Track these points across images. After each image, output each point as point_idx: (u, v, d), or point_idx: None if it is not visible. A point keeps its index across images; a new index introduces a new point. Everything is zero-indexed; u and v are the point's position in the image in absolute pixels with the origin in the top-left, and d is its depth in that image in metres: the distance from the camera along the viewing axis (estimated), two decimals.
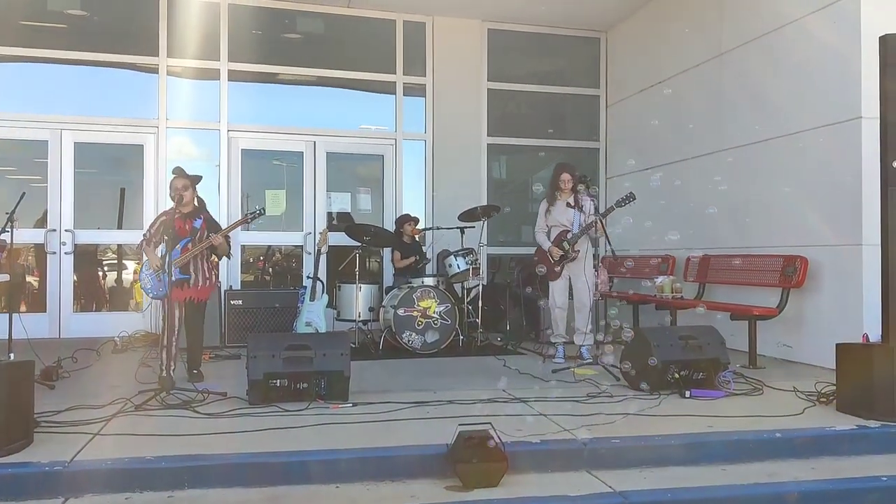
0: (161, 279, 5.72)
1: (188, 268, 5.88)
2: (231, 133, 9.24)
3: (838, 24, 6.50)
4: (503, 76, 10.21)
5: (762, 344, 6.84)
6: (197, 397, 5.03)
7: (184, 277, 5.84)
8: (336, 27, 9.72)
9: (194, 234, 5.92)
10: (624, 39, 10.09)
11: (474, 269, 7.86)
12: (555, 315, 7.07)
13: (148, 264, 5.93)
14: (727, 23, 7.94)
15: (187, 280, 5.87)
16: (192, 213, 5.98)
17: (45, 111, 8.70)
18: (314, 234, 9.31)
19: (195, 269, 5.93)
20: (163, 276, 5.65)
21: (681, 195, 8.45)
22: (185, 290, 5.86)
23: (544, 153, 10.42)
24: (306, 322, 7.58)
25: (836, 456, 4.33)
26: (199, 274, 5.95)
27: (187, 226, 5.92)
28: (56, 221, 8.65)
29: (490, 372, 6.49)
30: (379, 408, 4.87)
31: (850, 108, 6.35)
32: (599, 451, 4.10)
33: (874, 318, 5.12)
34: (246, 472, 3.81)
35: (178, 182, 5.90)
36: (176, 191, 5.86)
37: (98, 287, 9.18)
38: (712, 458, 4.20)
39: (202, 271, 5.97)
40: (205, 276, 5.99)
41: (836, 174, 6.47)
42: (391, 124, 9.90)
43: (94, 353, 7.10)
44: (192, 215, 5.97)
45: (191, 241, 5.89)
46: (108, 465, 3.73)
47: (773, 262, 6.93)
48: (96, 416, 4.55)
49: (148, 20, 8.95)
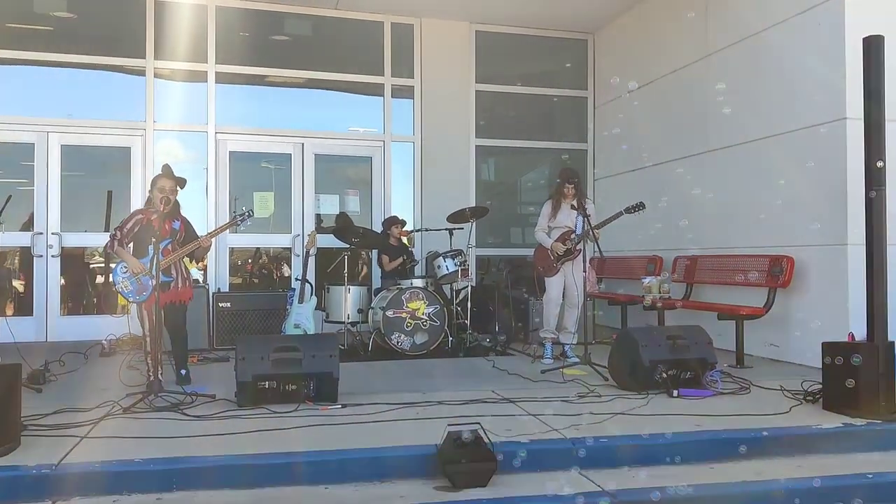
0: (142, 282, 5.61)
1: (170, 270, 5.75)
2: (219, 135, 9.22)
3: (823, 25, 6.55)
4: (491, 78, 10.22)
5: (749, 343, 6.89)
6: (185, 400, 5.01)
7: (167, 280, 5.70)
8: (324, 29, 9.71)
9: (174, 236, 5.78)
10: (611, 41, 10.13)
11: (463, 270, 7.86)
12: (548, 310, 7.09)
13: (123, 266, 5.67)
14: (713, 24, 7.99)
15: (170, 282, 5.74)
16: (171, 215, 5.79)
17: (32, 113, 8.66)
18: (302, 236, 9.29)
19: (176, 271, 5.82)
20: (144, 279, 5.57)
21: (668, 195, 8.48)
22: (167, 292, 5.68)
23: (533, 154, 10.48)
24: (295, 324, 7.56)
25: (823, 454, 4.36)
26: (179, 276, 5.84)
27: (167, 226, 5.74)
28: (43, 224, 8.60)
29: (479, 373, 6.51)
30: (368, 409, 4.87)
31: (835, 109, 6.40)
32: (589, 450, 4.10)
33: (860, 317, 5.17)
34: (234, 473, 3.80)
35: (167, 183, 5.72)
36: (164, 192, 5.67)
37: (85, 290, 9.14)
38: (700, 457, 4.22)
39: (181, 273, 5.87)
40: (184, 278, 5.89)
41: (821, 174, 6.52)
42: (379, 126, 9.90)
43: (81, 356, 7.06)
44: (170, 216, 5.79)
45: (171, 243, 5.74)
46: (96, 468, 3.71)
47: (759, 262, 6.98)
48: (84, 419, 4.53)
49: (135, 22, 8.91)
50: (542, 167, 10.83)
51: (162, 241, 5.53)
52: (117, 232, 5.70)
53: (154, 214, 5.71)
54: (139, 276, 5.61)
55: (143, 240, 5.68)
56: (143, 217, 5.70)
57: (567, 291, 7.02)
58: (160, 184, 5.74)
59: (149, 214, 5.73)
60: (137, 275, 5.61)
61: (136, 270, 5.61)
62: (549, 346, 7.12)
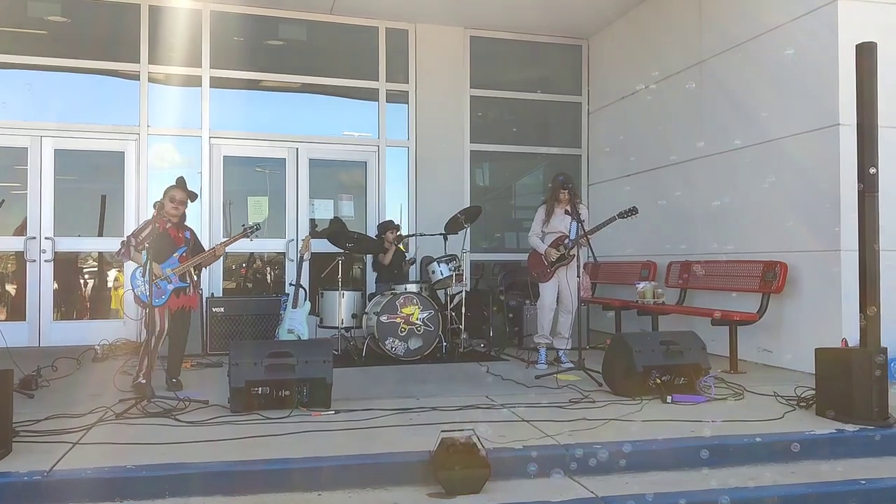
0: (161, 287, 5.76)
1: (185, 276, 5.97)
2: (213, 140, 9.21)
3: (816, 32, 6.57)
4: (486, 83, 10.23)
5: (743, 349, 6.89)
6: (178, 405, 4.99)
7: (183, 285, 5.93)
8: (319, 34, 9.72)
9: (188, 244, 6.02)
10: (606, 47, 10.16)
11: (457, 275, 7.86)
12: (543, 315, 7.08)
13: (141, 271, 5.76)
14: (707, 31, 8.01)
15: (185, 288, 5.95)
16: (180, 224, 6.04)
17: (25, 118, 8.64)
18: (297, 240, 9.26)
19: (189, 278, 6.02)
20: (163, 284, 5.74)
21: (663, 201, 8.51)
22: (181, 297, 5.92)
23: (528, 160, 10.48)
24: (288, 329, 7.56)
25: (816, 460, 4.35)
26: (191, 282, 6.04)
27: (181, 235, 5.99)
28: (36, 229, 8.57)
29: (473, 378, 6.50)
30: (361, 415, 4.85)
31: (828, 115, 6.42)
32: (582, 456, 4.10)
33: (853, 323, 5.17)
34: (227, 480, 3.79)
35: (178, 194, 5.91)
36: (175, 202, 5.88)
37: (78, 295, 9.11)
38: (694, 463, 4.21)
39: (193, 280, 6.07)
40: (195, 285, 6.11)
41: (815, 180, 6.54)
42: (374, 131, 9.89)
43: (74, 361, 7.03)
44: (179, 226, 6.02)
45: (186, 250, 5.96)
46: (88, 475, 3.69)
47: (753, 268, 6.98)
48: (76, 424, 4.51)
49: (129, 26, 8.91)
50: (536, 172, 10.84)
51: (178, 250, 5.87)
52: (132, 238, 5.82)
53: (168, 223, 5.86)
54: (157, 280, 5.72)
55: (160, 247, 5.77)
56: (159, 226, 5.78)
57: (561, 297, 7.02)
58: (171, 193, 5.91)
59: (163, 223, 5.81)
60: (156, 279, 5.70)
61: (158, 273, 5.75)
62: (544, 351, 7.11)
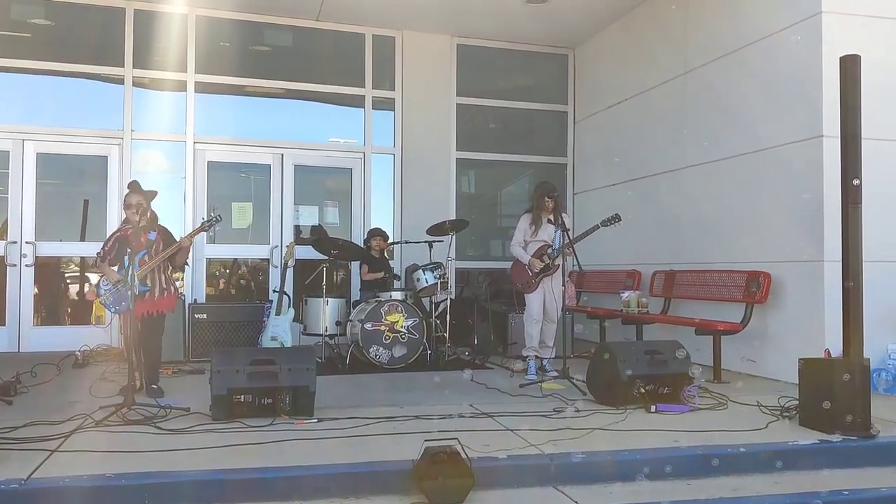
0: (121, 292, 5.72)
1: (146, 280, 5.87)
2: (197, 145, 9.15)
3: (801, 43, 6.62)
4: (472, 91, 10.24)
5: (726, 359, 6.91)
6: (159, 413, 4.94)
7: (144, 289, 5.83)
8: (305, 40, 9.70)
9: (150, 247, 5.92)
10: (592, 56, 10.19)
11: (442, 283, 7.83)
12: (530, 327, 7.02)
13: (106, 279, 5.92)
14: (694, 40, 8.05)
15: (146, 292, 5.86)
16: (147, 227, 5.96)
17: (7, 121, 8.54)
18: (281, 247, 9.23)
19: (152, 281, 5.93)
20: (122, 289, 5.68)
21: (647, 210, 8.54)
22: (147, 302, 5.84)
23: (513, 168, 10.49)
24: (272, 336, 7.51)
25: (799, 470, 4.36)
26: (156, 286, 5.94)
27: (142, 238, 5.88)
28: (17, 233, 8.49)
29: (457, 387, 6.47)
30: (344, 423, 4.82)
31: (812, 127, 6.46)
32: (566, 466, 4.10)
33: (836, 333, 5.19)
34: (208, 488, 3.75)
35: (133, 198, 5.87)
36: (131, 208, 5.83)
37: (59, 300, 9.01)
38: (678, 473, 4.21)
39: (159, 283, 5.97)
40: (162, 288, 5.98)
41: (799, 191, 6.58)
42: (360, 138, 9.87)
43: (54, 367, 6.95)
44: (146, 228, 5.95)
45: (147, 254, 5.87)
46: (66, 483, 3.64)
47: (737, 278, 7.01)
48: (55, 432, 4.45)
49: (114, 30, 8.85)
50: (522, 180, 10.85)
51: (137, 253, 5.68)
52: (101, 251, 5.94)
53: (130, 229, 5.81)
54: (117, 286, 5.74)
55: (119, 253, 5.88)
56: (121, 233, 5.86)
57: (546, 307, 6.98)
58: (126, 200, 5.95)
59: (125, 230, 5.86)
60: (116, 284, 5.75)
61: (113, 279, 5.81)
62: (533, 363, 7.01)
